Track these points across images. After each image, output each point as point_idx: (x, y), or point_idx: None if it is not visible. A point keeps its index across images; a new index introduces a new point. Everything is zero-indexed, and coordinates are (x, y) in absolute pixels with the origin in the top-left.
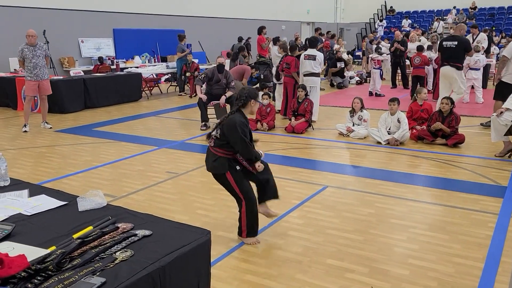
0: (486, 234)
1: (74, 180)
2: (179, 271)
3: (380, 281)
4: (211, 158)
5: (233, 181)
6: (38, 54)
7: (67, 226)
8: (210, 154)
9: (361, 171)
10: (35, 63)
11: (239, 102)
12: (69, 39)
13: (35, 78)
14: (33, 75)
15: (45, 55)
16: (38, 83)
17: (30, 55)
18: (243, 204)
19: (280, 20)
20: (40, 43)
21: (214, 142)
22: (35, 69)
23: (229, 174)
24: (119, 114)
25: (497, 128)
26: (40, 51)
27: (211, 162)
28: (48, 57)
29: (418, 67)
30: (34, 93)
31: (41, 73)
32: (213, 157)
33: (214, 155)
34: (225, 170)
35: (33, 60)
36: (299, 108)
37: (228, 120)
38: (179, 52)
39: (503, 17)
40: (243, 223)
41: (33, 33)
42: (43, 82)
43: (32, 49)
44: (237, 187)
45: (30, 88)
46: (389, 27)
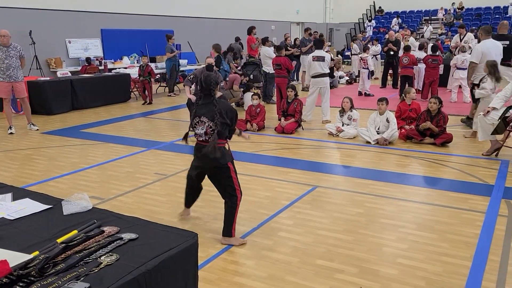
0: (474, 233)
1: (61, 182)
2: (166, 275)
3: (369, 281)
4: (213, 151)
5: (233, 172)
6: (12, 55)
7: (51, 230)
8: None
9: (350, 171)
10: (8, 64)
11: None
12: (56, 39)
13: (8, 80)
14: (5, 76)
15: (20, 56)
16: (11, 84)
17: (3, 56)
18: (237, 199)
19: (269, 20)
20: (14, 44)
21: (212, 136)
22: (8, 70)
23: (230, 164)
24: (107, 115)
25: (484, 127)
26: (14, 52)
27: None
28: (24, 58)
29: (407, 67)
30: (8, 95)
31: (15, 74)
32: (215, 149)
33: (215, 147)
34: (229, 159)
35: (6, 61)
36: (289, 108)
37: (224, 107)
38: (168, 52)
39: (489, 17)
40: (235, 220)
41: (6, 33)
42: (16, 84)
43: (5, 50)
44: (236, 178)
45: (3, 90)
46: (378, 27)
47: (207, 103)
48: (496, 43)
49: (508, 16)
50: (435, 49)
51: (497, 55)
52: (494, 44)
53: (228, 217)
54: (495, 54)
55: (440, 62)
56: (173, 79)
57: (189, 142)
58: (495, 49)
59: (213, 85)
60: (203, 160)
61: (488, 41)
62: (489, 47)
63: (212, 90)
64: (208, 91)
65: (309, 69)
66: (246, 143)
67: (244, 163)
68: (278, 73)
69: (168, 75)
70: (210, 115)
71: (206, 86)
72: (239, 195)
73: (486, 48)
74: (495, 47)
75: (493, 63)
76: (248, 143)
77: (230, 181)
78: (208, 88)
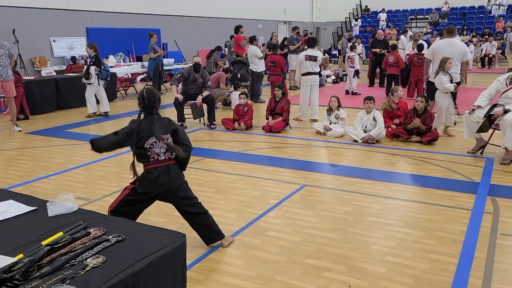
0: (461, 230)
1: (46, 183)
2: (154, 276)
3: (358, 279)
4: (177, 168)
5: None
6: (0, 53)
7: (36, 233)
8: (173, 166)
9: (338, 170)
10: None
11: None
12: (40, 38)
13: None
14: None
15: (9, 55)
16: (0, 83)
17: None
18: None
19: (256, 19)
20: (3, 42)
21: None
22: None
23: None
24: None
25: (469, 125)
26: (3, 51)
27: (178, 172)
28: (13, 56)
29: (393, 66)
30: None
31: (4, 73)
32: (176, 168)
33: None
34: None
35: None
36: (277, 107)
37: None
38: (151, 52)
39: (473, 16)
40: (214, 220)
41: None
42: (5, 83)
43: None
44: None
45: None
46: (364, 26)
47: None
48: (452, 42)
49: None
50: (421, 48)
51: (452, 52)
52: (449, 42)
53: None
54: (449, 52)
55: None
56: (157, 79)
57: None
58: (449, 47)
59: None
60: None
61: (443, 40)
62: (442, 45)
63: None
64: (151, 108)
65: (300, 68)
66: (233, 143)
67: (232, 162)
68: (273, 71)
69: (151, 74)
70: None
71: (149, 103)
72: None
73: (438, 46)
74: (450, 45)
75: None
76: (236, 143)
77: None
78: (152, 105)
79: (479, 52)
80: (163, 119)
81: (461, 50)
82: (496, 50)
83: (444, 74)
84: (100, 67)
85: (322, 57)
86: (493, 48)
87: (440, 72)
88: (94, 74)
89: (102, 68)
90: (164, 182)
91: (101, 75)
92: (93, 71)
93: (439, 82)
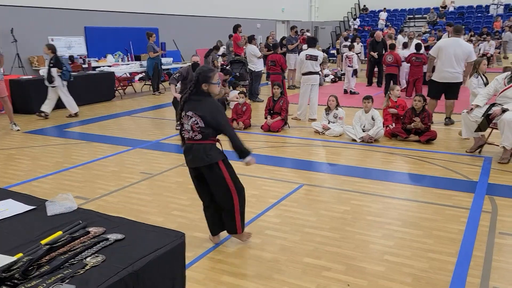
0: (459, 229)
1: (44, 182)
2: (153, 275)
3: (356, 279)
4: (202, 150)
5: (225, 170)
6: None
7: (35, 232)
8: (198, 147)
9: (336, 169)
10: None
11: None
12: (38, 37)
13: None
14: None
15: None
16: None
17: None
18: (234, 198)
19: (255, 18)
20: None
21: (201, 134)
22: None
23: (221, 162)
24: (92, 114)
25: (468, 124)
26: None
27: (203, 153)
28: (2, 56)
29: (391, 65)
30: None
31: None
32: (205, 147)
33: (205, 146)
34: (220, 157)
35: None
36: (275, 106)
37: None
38: (150, 51)
39: (472, 15)
40: (237, 218)
41: None
42: None
43: None
44: (229, 177)
45: None
46: (362, 26)
47: (195, 99)
48: (459, 42)
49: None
50: (419, 47)
51: (457, 52)
52: (456, 42)
53: (230, 215)
54: (453, 51)
55: (424, 60)
56: (156, 78)
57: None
58: (455, 46)
59: (206, 80)
60: (192, 161)
61: (450, 38)
62: (448, 44)
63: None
64: (199, 86)
65: (301, 67)
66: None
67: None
68: (273, 70)
69: (150, 74)
70: (197, 111)
71: (197, 81)
72: (235, 195)
73: (444, 44)
74: (456, 44)
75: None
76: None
77: (221, 182)
78: (200, 84)
79: (477, 52)
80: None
81: (466, 51)
82: (494, 50)
83: (476, 77)
84: (61, 68)
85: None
86: (491, 48)
87: (473, 75)
88: (56, 77)
89: (64, 69)
90: (188, 159)
91: (64, 76)
92: (55, 73)
93: (470, 86)
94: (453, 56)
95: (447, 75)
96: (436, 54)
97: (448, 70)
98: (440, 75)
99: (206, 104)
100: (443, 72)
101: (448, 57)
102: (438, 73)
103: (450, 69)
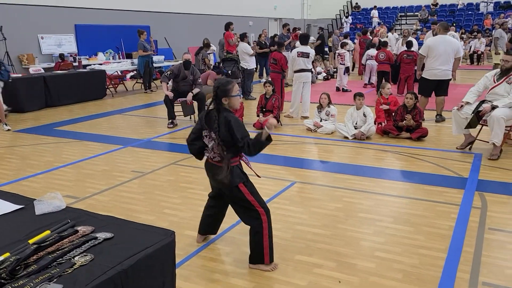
0: (449, 225)
1: (34, 181)
2: (143, 274)
3: (348, 275)
4: (221, 171)
5: (248, 192)
6: None
7: (23, 231)
8: (216, 167)
9: (328, 166)
10: None
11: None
12: (28, 35)
13: None
14: None
15: None
16: None
17: None
18: (263, 220)
19: (247, 16)
20: None
21: (220, 157)
22: None
23: (242, 185)
24: (83, 112)
25: (458, 121)
26: None
27: (223, 175)
28: None
29: (383, 63)
30: None
31: None
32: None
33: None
34: (239, 180)
35: None
36: (267, 104)
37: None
38: (140, 49)
39: (462, 13)
40: (265, 244)
41: None
42: None
43: None
44: (254, 198)
45: None
46: (355, 23)
47: (214, 116)
48: (447, 39)
49: (481, 13)
50: (410, 44)
51: (446, 49)
52: (444, 39)
53: (257, 240)
54: (443, 48)
55: (415, 57)
56: (147, 76)
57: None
58: (444, 44)
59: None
60: (213, 180)
61: (439, 36)
62: (437, 42)
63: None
64: (218, 100)
65: (293, 65)
66: None
67: None
68: (273, 68)
69: (141, 72)
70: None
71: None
72: (264, 216)
73: (433, 43)
74: (445, 42)
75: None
76: None
77: (245, 203)
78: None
79: (468, 49)
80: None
81: (455, 47)
82: (484, 47)
83: None
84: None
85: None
86: (481, 45)
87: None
88: None
89: (2, 69)
90: (209, 176)
91: (1, 76)
92: None
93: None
94: (443, 54)
95: (438, 73)
96: (426, 52)
97: (438, 68)
98: (431, 72)
99: (225, 121)
100: (433, 70)
101: (437, 55)
102: (429, 71)
103: (440, 66)
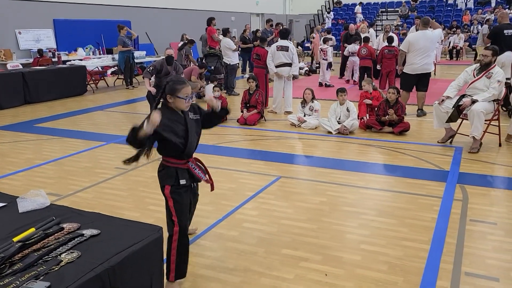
0: (432, 217)
1: (14, 179)
2: (130, 270)
3: (334, 268)
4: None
5: (171, 199)
6: None
7: (7, 229)
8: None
9: (312, 161)
10: None
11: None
12: (5, 30)
13: None
14: None
15: None
16: None
17: None
18: (174, 239)
19: (229, 11)
20: None
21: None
22: None
23: (168, 189)
24: (63, 109)
25: (439, 115)
26: None
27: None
28: None
29: (365, 58)
30: None
31: None
32: (160, 166)
33: (160, 165)
34: (164, 182)
35: None
36: (251, 99)
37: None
38: (120, 45)
39: (442, 9)
40: (172, 259)
41: None
42: None
43: None
44: (175, 209)
45: None
46: (336, 19)
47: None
48: (427, 34)
49: (459, 9)
50: (391, 40)
51: (426, 44)
52: (424, 34)
53: (167, 253)
54: (423, 44)
55: (397, 53)
56: (128, 72)
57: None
58: (424, 39)
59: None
60: None
61: (419, 32)
62: (417, 37)
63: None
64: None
65: (273, 59)
66: (208, 136)
67: (206, 155)
68: (257, 63)
69: (122, 67)
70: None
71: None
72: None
73: (414, 38)
74: (425, 37)
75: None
76: (211, 135)
77: (168, 208)
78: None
79: (447, 45)
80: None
81: (435, 38)
82: (463, 43)
83: None
84: None
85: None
86: (460, 41)
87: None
88: None
89: None
90: None
91: None
92: None
93: None
94: (423, 48)
95: (418, 67)
96: (407, 48)
97: (419, 62)
98: (412, 67)
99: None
100: (414, 65)
101: (418, 49)
102: (410, 66)
103: (421, 61)
